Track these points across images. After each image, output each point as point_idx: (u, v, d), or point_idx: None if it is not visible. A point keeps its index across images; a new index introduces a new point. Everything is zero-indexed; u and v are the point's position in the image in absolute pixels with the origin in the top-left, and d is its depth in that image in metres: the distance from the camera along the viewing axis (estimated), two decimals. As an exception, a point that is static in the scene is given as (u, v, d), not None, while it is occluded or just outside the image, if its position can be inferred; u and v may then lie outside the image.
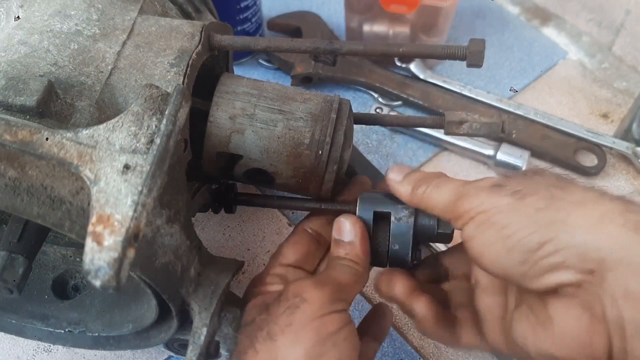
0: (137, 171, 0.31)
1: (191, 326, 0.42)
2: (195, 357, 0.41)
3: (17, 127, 0.33)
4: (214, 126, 0.43)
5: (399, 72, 0.72)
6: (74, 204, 0.36)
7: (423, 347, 0.55)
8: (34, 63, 0.39)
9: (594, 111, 0.72)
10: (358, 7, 0.71)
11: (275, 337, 0.38)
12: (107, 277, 0.29)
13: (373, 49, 0.44)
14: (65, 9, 0.43)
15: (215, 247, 0.60)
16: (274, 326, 0.38)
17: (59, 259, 0.54)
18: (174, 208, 0.39)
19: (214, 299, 0.42)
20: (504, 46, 0.78)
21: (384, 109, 0.70)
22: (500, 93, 0.72)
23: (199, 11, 0.53)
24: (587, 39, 0.78)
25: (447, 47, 0.43)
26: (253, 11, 0.70)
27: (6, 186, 0.35)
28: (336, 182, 0.45)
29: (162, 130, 0.32)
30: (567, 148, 0.66)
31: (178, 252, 0.40)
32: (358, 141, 0.68)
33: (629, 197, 0.36)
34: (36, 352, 0.54)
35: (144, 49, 0.42)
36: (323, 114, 0.44)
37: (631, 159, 0.66)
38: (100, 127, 0.33)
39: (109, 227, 0.30)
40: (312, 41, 0.44)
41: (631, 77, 0.74)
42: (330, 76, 0.71)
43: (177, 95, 0.34)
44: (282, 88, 0.45)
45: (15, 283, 0.41)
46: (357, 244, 0.43)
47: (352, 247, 0.43)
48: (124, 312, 0.48)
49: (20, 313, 0.50)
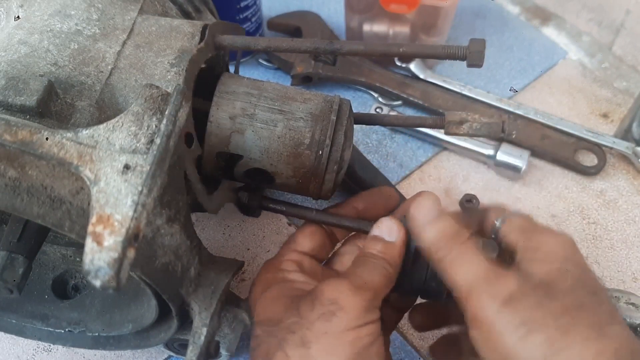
0: (137, 171, 0.31)
1: (191, 326, 0.42)
2: (195, 357, 0.41)
3: (17, 127, 0.33)
4: (214, 126, 0.43)
5: (399, 72, 0.72)
6: (74, 204, 0.36)
7: (423, 347, 0.55)
8: (34, 63, 0.39)
9: (594, 111, 0.72)
10: (358, 7, 0.71)
11: (310, 345, 0.36)
12: (107, 277, 0.29)
13: (373, 49, 0.44)
14: (65, 8, 0.43)
15: (215, 247, 0.60)
16: (308, 332, 0.37)
17: (59, 259, 0.54)
18: (174, 208, 0.39)
19: (214, 299, 0.42)
20: (504, 46, 0.78)
21: (384, 108, 0.70)
22: (500, 93, 0.72)
23: (199, 11, 0.53)
24: (587, 39, 0.78)
25: (447, 47, 0.43)
26: (253, 11, 0.70)
27: (6, 186, 0.35)
28: (336, 182, 0.45)
29: (162, 130, 0.32)
30: (567, 148, 0.66)
31: (178, 252, 0.40)
32: (358, 141, 0.68)
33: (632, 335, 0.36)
34: (36, 352, 0.54)
35: (144, 49, 0.42)
36: (323, 114, 0.44)
37: (631, 159, 0.66)
38: (100, 127, 0.33)
39: (109, 227, 0.30)
40: (312, 41, 0.44)
41: (631, 77, 0.74)
42: (330, 76, 0.71)
43: (177, 95, 0.34)
44: (282, 88, 0.45)
45: (15, 283, 0.41)
46: (397, 246, 0.42)
47: (392, 248, 0.42)
48: (124, 312, 0.48)
49: (20, 313, 0.50)
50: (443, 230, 0.39)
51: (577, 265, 0.38)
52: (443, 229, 0.39)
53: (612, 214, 0.63)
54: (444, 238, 0.39)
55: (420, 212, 0.41)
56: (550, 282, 0.36)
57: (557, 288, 0.36)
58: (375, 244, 0.42)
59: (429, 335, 0.55)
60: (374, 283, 0.40)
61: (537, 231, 0.40)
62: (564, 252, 0.38)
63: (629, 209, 0.63)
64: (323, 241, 0.46)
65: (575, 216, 0.63)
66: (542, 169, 0.66)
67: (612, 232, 0.62)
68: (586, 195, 0.65)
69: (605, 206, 0.64)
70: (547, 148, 0.66)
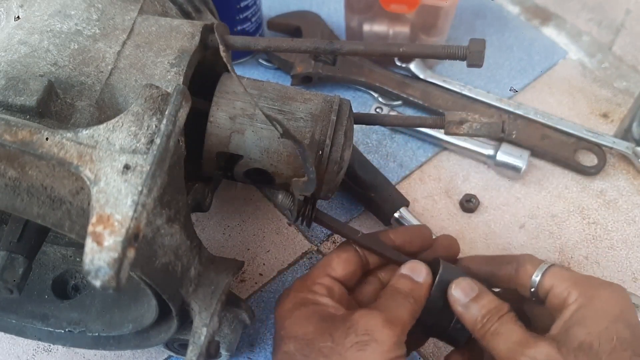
0: (137, 171, 0.31)
1: (191, 326, 0.42)
2: (195, 357, 0.41)
3: (17, 127, 0.33)
4: (214, 126, 0.43)
5: (399, 72, 0.72)
6: (74, 204, 0.36)
7: (423, 347, 0.55)
8: (34, 63, 0.39)
9: (594, 111, 0.72)
10: (358, 7, 0.71)
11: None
12: (107, 277, 0.29)
13: (373, 49, 0.44)
14: (65, 8, 0.43)
15: (215, 247, 0.60)
16: (340, 358, 0.38)
17: (59, 259, 0.54)
18: (174, 208, 0.39)
19: (214, 299, 0.42)
20: (504, 46, 0.77)
21: (384, 108, 0.70)
22: (500, 93, 0.72)
23: (199, 11, 0.53)
24: (587, 39, 0.78)
25: (447, 47, 0.43)
26: (253, 11, 0.70)
27: (6, 186, 0.35)
28: (336, 182, 0.45)
29: (162, 130, 0.32)
30: (567, 148, 0.66)
31: (178, 252, 0.40)
32: (358, 141, 0.68)
33: None
34: (36, 352, 0.54)
35: (144, 49, 0.42)
36: (323, 114, 0.44)
37: (631, 159, 0.66)
38: (100, 127, 0.33)
39: (109, 227, 0.30)
40: (312, 41, 0.44)
41: (631, 76, 0.74)
42: (330, 76, 0.71)
43: (177, 95, 0.34)
44: (282, 88, 0.45)
45: (15, 283, 0.41)
46: (425, 287, 0.44)
47: (420, 288, 0.44)
48: (124, 312, 0.48)
49: (20, 313, 0.50)
50: (486, 306, 0.42)
51: (627, 323, 0.38)
52: (486, 304, 0.42)
53: (612, 214, 0.63)
54: (487, 314, 0.41)
55: (458, 293, 0.43)
56: (592, 344, 0.37)
57: (601, 349, 0.37)
58: (405, 282, 0.44)
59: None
60: (403, 318, 0.42)
61: (592, 284, 0.41)
62: (616, 310, 0.39)
63: (629, 209, 0.63)
64: (356, 269, 0.47)
65: (575, 216, 0.63)
66: (542, 169, 0.66)
67: (612, 232, 0.62)
68: (586, 195, 0.65)
69: (605, 206, 0.64)
70: (547, 148, 0.66)
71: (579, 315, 0.39)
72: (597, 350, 0.37)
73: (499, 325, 0.41)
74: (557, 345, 0.38)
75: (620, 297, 0.40)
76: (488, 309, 0.42)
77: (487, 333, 0.41)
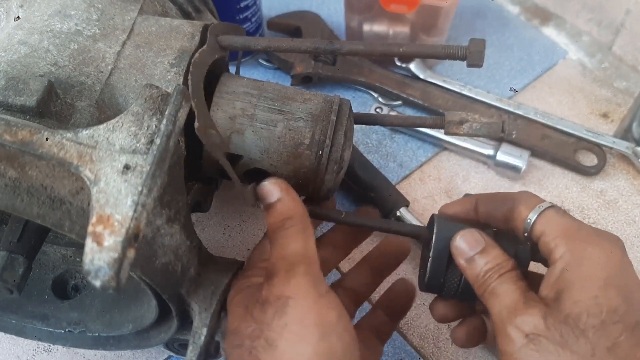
0: (137, 171, 0.31)
1: (191, 326, 0.42)
2: (195, 357, 0.41)
3: (17, 127, 0.33)
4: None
5: (399, 72, 0.72)
6: (74, 204, 0.36)
7: (423, 347, 0.55)
8: (34, 63, 0.39)
9: (594, 111, 0.72)
10: (358, 7, 0.71)
11: (276, 343, 0.35)
12: (107, 277, 0.29)
13: (373, 49, 0.44)
14: (65, 9, 0.43)
15: (215, 247, 0.60)
16: (269, 333, 0.35)
17: (59, 259, 0.54)
18: (174, 208, 0.39)
19: (214, 299, 0.42)
20: (504, 46, 0.78)
21: (384, 108, 0.70)
22: (500, 93, 0.72)
23: (199, 11, 0.53)
24: (587, 39, 0.78)
25: (447, 47, 0.43)
26: (253, 11, 0.70)
27: (6, 186, 0.35)
28: (336, 182, 0.45)
29: (162, 130, 0.32)
30: (567, 148, 0.66)
31: (178, 252, 0.40)
32: (358, 141, 0.68)
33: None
34: (36, 352, 0.54)
35: (144, 49, 0.42)
36: (323, 115, 0.44)
37: (631, 159, 0.66)
38: (100, 127, 0.33)
39: (109, 227, 0.30)
40: (312, 41, 0.44)
41: (631, 76, 0.74)
42: (330, 76, 0.71)
43: (177, 95, 0.34)
44: (282, 88, 0.45)
45: (15, 283, 0.41)
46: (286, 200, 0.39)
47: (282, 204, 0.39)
48: (124, 312, 0.48)
49: (20, 313, 0.50)
50: (491, 262, 0.39)
51: (619, 288, 0.35)
52: (491, 260, 0.39)
53: (612, 214, 0.63)
54: (490, 270, 0.38)
55: (463, 243, 0.40)
56: (580, 315, 0.34)
57: (588, 323, 0.34)
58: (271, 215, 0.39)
59: (428, 335, 0.55)
60: (298, 250, 0.37)
61: (581, 238, 0.37)
62: (608, 271, 0.35)
63: (629, 209, 0.63)
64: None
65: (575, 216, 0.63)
66: (542, 169, 0.66)
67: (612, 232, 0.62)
68: (586, 195, 0.65)
69: (605, 206, 0.64)
70: (547, 148, 0.66)
71: (567, 278, 0.35)
72: (585, 324, 0.34)
73: (498, 284, 0.37)
74: (544, 314, 0.35)
75: (613, 254, 0.36)
76: (492, 265, 0.38)
77: (485, 292, 0.38)
